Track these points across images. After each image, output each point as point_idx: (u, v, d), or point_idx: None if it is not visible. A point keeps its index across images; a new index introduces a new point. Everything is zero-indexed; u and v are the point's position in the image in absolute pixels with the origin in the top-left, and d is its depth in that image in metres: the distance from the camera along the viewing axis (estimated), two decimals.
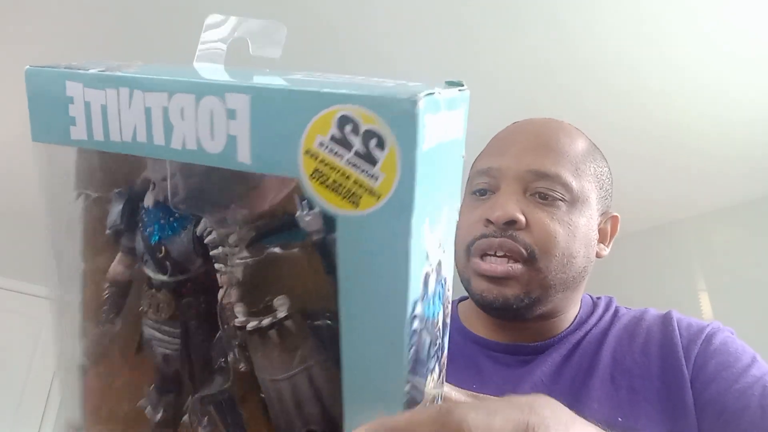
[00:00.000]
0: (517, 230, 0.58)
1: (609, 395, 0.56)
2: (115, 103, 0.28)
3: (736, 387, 0.52)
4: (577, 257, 0.60)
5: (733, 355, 0.56)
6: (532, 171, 0.60)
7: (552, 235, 0.58)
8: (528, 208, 0.59)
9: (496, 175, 0.61)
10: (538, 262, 0.58)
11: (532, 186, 0.60)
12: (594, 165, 0.64)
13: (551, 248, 0.58)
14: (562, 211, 0.59)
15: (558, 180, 0.59)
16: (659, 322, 0.62)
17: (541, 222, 0.58)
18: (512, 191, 0.59)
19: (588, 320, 0.64)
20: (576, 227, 0.60)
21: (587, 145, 0.65)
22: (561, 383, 0.59)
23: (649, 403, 0.55)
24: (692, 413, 0.54)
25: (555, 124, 0.65)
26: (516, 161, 0.61)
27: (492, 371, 0.62)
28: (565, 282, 0.60)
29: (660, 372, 0.57)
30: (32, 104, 0.32)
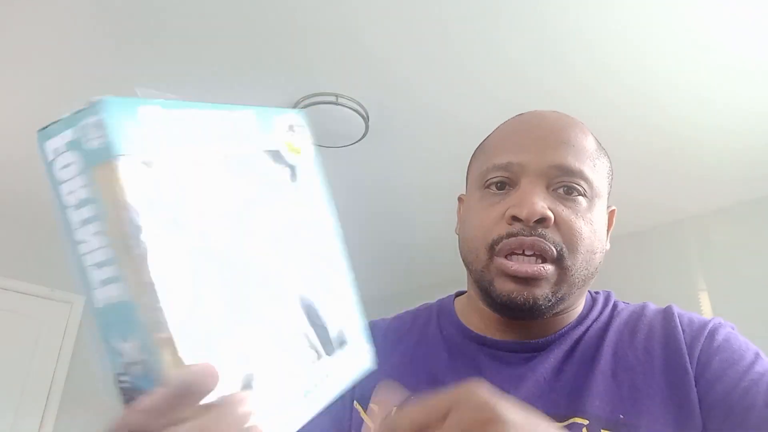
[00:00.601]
0: (544, 228, 0.57)
1: (611, 392, 0.56)
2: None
3: (742, 385, 0.52)
4: (597, 253, 0.60)
5: (737, 352, 0.55)
6: (556, 166, 0.58)
7: (578, 232, 0.57)
8: (553, 205, 0.58)
9: (517, 170, 0.59)
10: (566, 260, 0.57)
11: (555, 181, 0.59)
12: (604, 161, 0.64)
13: (577, 245, 0.57)
14: (583, 207, 0.59)
15: (581, 175, 0.59)
16: (660, 318, 0.61)
17: (568, 219, 0.57)
18: (537, 187, 0.58)
19: (588, 315, 0.64)
20: (595, 223, 0.59)
21: (595, 140, 0.65)
22: (563, 380, 0.58)
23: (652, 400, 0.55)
24: (696, 410, 0.53)
25: (567, 119, 0.64)
26: (538, 156, 0.59)
27: (493, 370, 0.61)
28: (586, 278, 0.59)
29: (663, 369, 0.56)
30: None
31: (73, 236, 0.33)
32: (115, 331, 0.32)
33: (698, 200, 2.55)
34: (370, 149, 2.32)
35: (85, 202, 0.32)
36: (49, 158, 0.33)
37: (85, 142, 0.32)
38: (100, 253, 0.32)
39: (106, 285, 0.32)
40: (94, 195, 0.32)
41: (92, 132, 0.32)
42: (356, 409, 0.64)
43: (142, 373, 0.31)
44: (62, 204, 0.33)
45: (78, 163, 0.32)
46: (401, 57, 1.83)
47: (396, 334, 0.70)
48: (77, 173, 0.32)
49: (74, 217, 0.33)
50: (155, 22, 1.72)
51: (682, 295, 2.57)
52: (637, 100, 1.95)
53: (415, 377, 0.63)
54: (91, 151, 0.32)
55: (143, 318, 0.31)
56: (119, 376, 0.32)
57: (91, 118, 0.32)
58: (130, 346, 0.32)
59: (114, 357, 0.32)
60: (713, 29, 1.64)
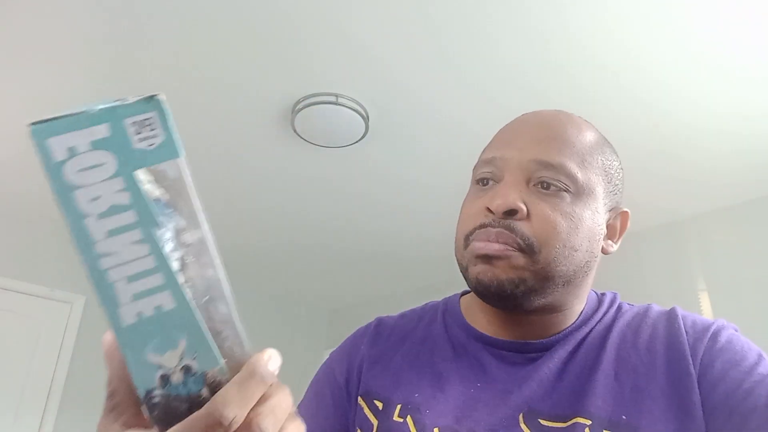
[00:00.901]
0: (517, 220, 0.57)
1: (613, 393, 0.56)
2: None
3: (744, 387, 0.52)
4: (579, 250, 0.58)
5: (739, 354, 0.55)
6: (535, 160, 0.58)
7: (553, 226, 0.57)
8: (530, 198, 0.58)
9: (500, 164, 0.60)
10: (538, 253, 0.56)
11: (535, 176, 0.58)
12: (602, 158, 0.62)
13: (551, 239, 0.57)
14: (565, 202, 0.58)
15: (562, 170, 0.58)
16: (664, 319, 0.61)
17: (542, 212, 0.57)
18: (515, 181, 0.58)
19: (593, 316, 0.63)
20: (579, 219, 0.58)
21: (596, 137, 0.63)
22: (566, 380, 0.58)
23: (654, 401, 0.55)
24: (699, 412, 0.53)
25: (563, 116, 0.64)
26: (520, 151, 0.60)
27: (497, 369, 0.61)
28: (566, 275, 0.58)
29: (665, 370, 0.56)
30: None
31: (92, 250, 0.29)
32: (152, 343, 0.30)
33: (698, 200, 2.55)
34: (370, 149, 2.32)
35: (118, 209, 0.29)
36: (59, 158, 0.28)
37: (130, 141, 0.29)
38: (137, 264, 0.29)
39: (141, 298, 0.30)
40: (136, 200, 0.29)
41: (144, 130, 0.29)
42: (360, 405, 0.64)
43: (183, 379, 0.31)
44: (76, 212, 0.29)
45: (112, 164, 0.29)
46: (401, 57, 1.83)
47: (402, 332, 0.70)
48: (110, 176, 0.29)
49: (97, 228, 0.29)
50: (155, 22, 1.72)
51: (682, 295, 2.57)
52: (636, 103, 1.95)
53: (419, 375, 0.63)
54: (139, 151, 0.29)
55: (200, 318, 0.31)
56: (151, 392, 0.31)
57: (141, 116, 0.29)
58: (172, 354, 0.30)
59: (146, 373, 0.30)
60: (710, 32, 1.64)
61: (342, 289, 3.94)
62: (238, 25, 1.72)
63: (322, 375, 0.71)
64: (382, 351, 0.68)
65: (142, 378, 0.31)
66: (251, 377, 0.31)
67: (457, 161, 2.37)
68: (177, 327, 0.30)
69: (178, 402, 0.31)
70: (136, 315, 0.30)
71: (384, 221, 2.96)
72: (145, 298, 0.30)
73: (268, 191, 2.71)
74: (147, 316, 0.30)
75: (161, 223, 0.30)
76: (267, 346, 0.35)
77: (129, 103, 0.29)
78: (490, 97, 1.98)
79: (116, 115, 0.29)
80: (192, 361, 0.31)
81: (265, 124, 2.20)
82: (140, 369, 0.30)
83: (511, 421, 0.56)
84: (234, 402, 0.30)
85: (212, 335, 0.32)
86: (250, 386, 0.31)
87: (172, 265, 0.30)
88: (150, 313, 0.30)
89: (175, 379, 0.31)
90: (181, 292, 0.30)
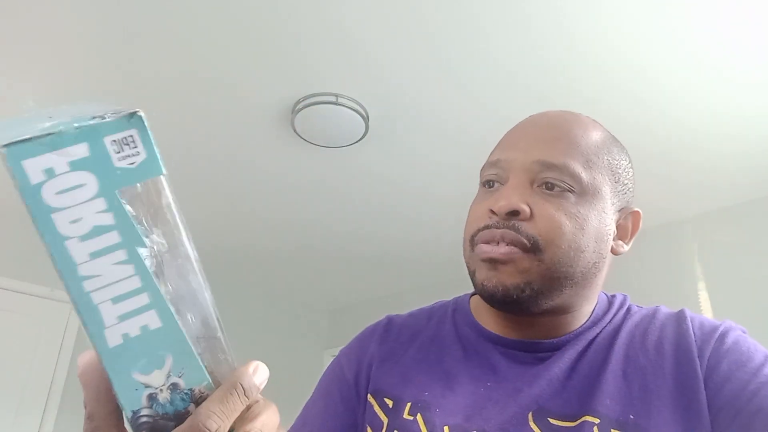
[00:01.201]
0: (520, 221, 0.57)
1: (621, 392, 0.56)
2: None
3: (750, 388, 0.52)
4: (586, 251, 0.58)
5: (745, 355, 0.55)
6: (538, 161, 0.58)
7: (557, 226, 0.56)
8: (533, 199, 0.58)
9: (505, 166, 0.60)
10: (543, 253, 0.56)
11: (539, 177, 0.58)
12: (608, 157, 0.62)
13: (556, 239, 0.56)
14: (570, 202, 0.58)
15: (565, 170, 0.58)
16: (673, 320, 0.61)
17: (546, 213, 0.57)
18: (519, 182, 0.58)
19: (603, 317, 0.64)
20: (585, 220, 0.58)
21: (603, 137, 0.63)
22: (575, 379, 0.58)
23: (662, 402, 0.55)
24: (705, 412, 0.53)
25: (569, 116, 0.64)
26: (524, 152, 0.60)
27: (507, 369, 0.61)
28: (573, 276, 0.58)
29: (674, 370, 0.57)
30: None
31: (75, 272, 0.28)
32: (138, 364, 0.30)
33: (698, 201, 2.55)
34: (370, 149, 2.32)
35: (101, 230, 0.28)
36: (35, 180, 0.28)
37: (111, 159, 0.28)
38: (122, 285, 0.29)
39: (127, 318, 0.29)
40: (120, 220, 0.29)
41: (124, 148, 0.28)
42: (370, 403, 0.64)
43: (170, 397, 0.31)
44: (57, 235, 0.28)
45: (93, 184, 0.28)
46: (401, 57, 1.83)
47: (411, 331, 0.70)
48: (91, 197, 0.28)
49: (78, 250, 0.28)
50: (154, 23, 1.72)
51: (682, 295, 2.57)
52: (635, 104, 1.95)
53: (429, 374, 0.63)
54: (120, 170, 0.28)
55: (185, 336, 0.31)
56: (137, 413, 0.30)
57: (121, 134, 0.28)
58: (158, 374, 0.30)
59: (133, 393, 0.30)
60: (710, 33, 1.64)
61: (342, 289, 3.94)
62: (238, 25, 1.72)
63: (330, 372, 0.71)
64: (391, 349, 0.68)
65: (128, 399, 0.30)
66: (234, 389, 0.32)
67: (457, 161, 2.37)
68: (163, 346, 0.30)
69: (165, 420, 0.31)
70: (122, 336, 0.29)
71: (384, 221, 2.96)
72: (130, 319, 0.29)
73: (268, 191, 2.71)
74: (133, 336, 0.30)
75: (145, 243, 0.29)
76: (267, 347, 0.36)
77: (109, 120, 0.28)
78: (489, 97, 1.98)
79: (96, 133, 0.28)
80: (179, 378, 0.31)
81: (265, 124, 2.20)
82: (126, 390, 0.30)
83: (521, 419, 0.56)
84: (216, 414, 0.31)
85: (198, 351, 0.32)
86: (232, 398, 0.32)
87: (157, 284, 0.30)
88: (136, 332, 0.30)
89: (162, 398, 0.31)
90: (168, 310, 0.30)
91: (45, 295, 3.02)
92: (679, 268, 2.64)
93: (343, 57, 1.84)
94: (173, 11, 1.68)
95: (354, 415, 0.65)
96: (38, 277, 3.02)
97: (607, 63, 1.79)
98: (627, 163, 0.65)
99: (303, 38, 1.77)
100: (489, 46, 1.76)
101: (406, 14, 1.66)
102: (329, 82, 1.96)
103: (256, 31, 1.75)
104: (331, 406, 0.67)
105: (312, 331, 4.19)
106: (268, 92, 2.02)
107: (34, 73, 1.95)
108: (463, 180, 2.20)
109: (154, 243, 0.30)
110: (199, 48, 1.83)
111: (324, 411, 0.67)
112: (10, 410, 2.79)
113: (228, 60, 1.87)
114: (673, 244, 2.69)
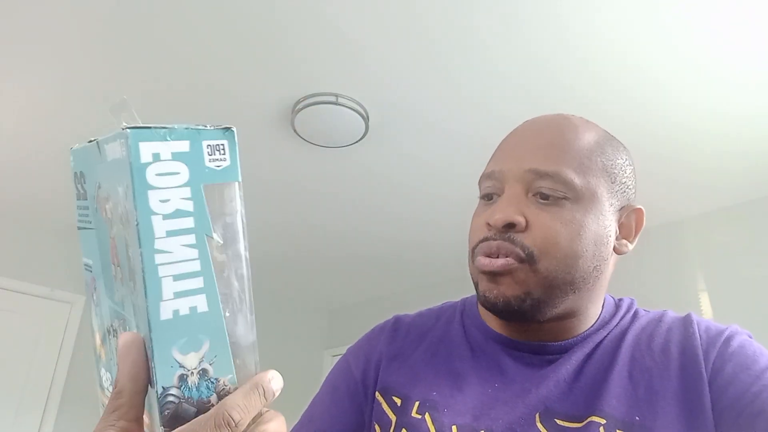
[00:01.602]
0: (516, 232, 0.58)
1: (627, 393, 0.56)
2: None
3: (753, 390, 0.52)
4: (584, 256, 0.58)
5: (750, 358, 0.56)
6: (531, 171, 0.59)
7: (553, 236, 0.57)
8: (529, 210, 0.58)
9: (500, 177, 0.61)
10: (538, 263, 0.57)
11: (533, 186, 0.59)
12: (602, 158, 0.61)
13: (552, 249, 0.57)
14: (565, 209, 0.58)
15: (558, 178, 0.58)
16: (679, 324, 0.61)
17: (542, 223, 0.57)
18: (513, 193, 0.59)
19: (611, 321, 0.64)
20: (582, 225, 0.58)
21: (596, 138, 0.63)
22: (582, 381, 0.59)
23: (667, 403, 0.55)
24: (709, 415, 0.54)
25: (560, 120, 0.64)
26: (517, 162, 0.60)
27: (515, 370, 0.61)
28: (573, 282, 0.58)
29: (679, 373, 0.57)
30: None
31: (151, 244, 0.32)
32: (179, 342, 0.33)
33: (698, 201, 2.55)
34: (370, 149, 2.32)
35: (181, 214, 0.33)
36: (145, 160, 0.32)
37: (203, 159, 0.34)
38: (185, 265, 0.33)
39: (182, 297, 0.33)
40: (198, 209, 0.33)
41: (215, 153, 0.34)
42: (378, 401, 0.64)
43: (197, 382, 0.33)
44: (147, 209, 0.32)
45: (185, 174, 0.33)
46: (401, 58, 1.83)
47: (419, 330, 0.70)
48: (181, 184, 0.33)
49: (159, 226, 0.32)
50: (154, 23, 1.72)
51: (682, 295, 2.57)
52: (635, 105, 1.95)
53: (437, 374, 0.64)
54: (209, 170, 0.34)
55: (225, 326, 0.34)
56: (167, 390, 0.32)
57: (217, 141, 0.34)
58: (193, 356, 0.33)
59: (168, 370, 0.32)
60: (709, 35, 1.64)
61: (342, 289, 3.94)
62: (238, 25, 1.72)
63: (337, 370, 0.71)
64: (400, 348, 0.68)
65: (162, 374, 0.32)
66: (256, 388, 0.35)
67: (456, 161, 2.37)
68: (204, 330, 0.33)
69: (189, 405, 0.33)
70: (173, 312, 0.32)
71: (384, 221, 2.96)
72: (184, 297, 0.33)
73: (268, 191, 2.71)
74: (182, 314, 0.33)
75: (212, 232, 0.34)
76: (267, 347, 0.37)
77: (209, 129, 0.35)
78: (489, 97, 1.98)
79: (198, 135, 0.34)
80: (210, 365, 0.33)
81: (265, 124, 2.20)
82: (163, 364, 0.32)
83: (528, 420, 0.57)
84: (240, 407, 0.33)
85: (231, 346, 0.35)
86: (254, 396, 0.34)
87: (213, 272, 0.34)
88: (185, 311, 0.33)
89: (191, 381, 0.33)
90: (216, 297, 0.34)
91: (45, 295, 3.02)
92: (679, 268, 2.65)
93: (343, 57, 1.84)
94: (173, 12, 1.68)
95: (361, 412, 0.65)
96: (38, 277, 3.02)
97: (606, 65, 1.79)
98: (624, 161, 0.65)
99: (303, 38, 1.77)
100: (489, 48, 1.76)
101: (406, 15, 1.66)
102: (329, 82, 1.96)
103: (256, 32, 1.75)
104: (338, 403, 0.67)
105: (312, 332, 4.20)
106: (268, 92, 2.02)
107: (35, 73, 1.95)
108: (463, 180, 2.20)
109: (218, 238, 0.35)
110: (199, 48, 1.83)
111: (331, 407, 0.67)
112: (10, 410, 2.79)
113: (228, 60, 1.87)
114: (673, 244, 2.69)
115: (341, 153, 2.34)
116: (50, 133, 2.29)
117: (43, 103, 2.10)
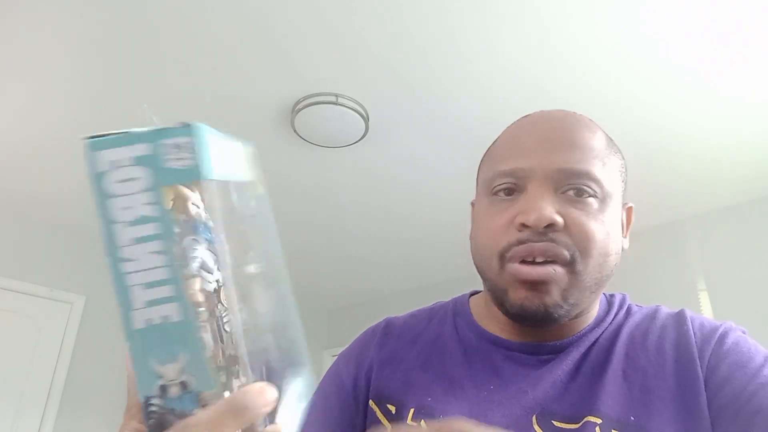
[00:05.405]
0: (555, 232, 0.55)
1: (622, 393, 0.56)
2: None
3: (750, 388, 0.52)
4: (611, 255, 0.58)
5: (746, 355, 0.55)
6: (563, 170, 0.57)
7: (591, 235, 0.56)
8: (563, 208, 0.56)
9: (523, 175, 0.58)
10: (578, 264, 0.55)
11: (563, 184, 0.57)
12: (615, 157, 0.62)
13: (590, 248, 0.56)
14: (594, 208, 0.57)
15: (590, 177, 0.57)
16: (673, 321, 0.61)
17: (579, 221, 0.56)
18: (544, 191, 0.57)
19: (605, 318, 0.63)
20: (608, 224, 0.58)
21: (605, 137, 0.62)
22: (578, 381, 0.58)
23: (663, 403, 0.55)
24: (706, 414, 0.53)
25: (572, 118, 0.62)
26: (544, 160, 0.58)
27: (511, 372, 0.60)
28: (599, 282, 0.58)
29: (674, 371, 0.56)
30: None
31: (117, 253, 0.32)
32: (155, 351, 0.32)
33: (698, 200, 2.55)
34: (370, 149, 2.32)
35: (144, 220, 0.32)
36: (101, 169, 0.32)
37: (164, 160, 0.32)
38: (154, 273, 0.31)
39: (153, 306, 0.31)
40: (161, 214, 0.32)
41: (176, 152, 0.32)
42: (372, 408, 0.63)
43: (179, 393, 0.32)
44: (109, 218, 0.32)
45: (146, 179, 0.32)
46: (401, 57, 1.83)
47: (412, 333, 0.69)
48: (142, 189, 0.32)
49: (124, 234, 0.32)
50: (154, 24, 1.72)
51: (682, 295, 2.57)
52: (635, 105, 1.95)
53: (431, 378, 0.63)
54: (169, 170, 0.32)
55: (201, 337, 0.32)
56: (149, 399, 0.32)
57: (178, 139, 0.33)
58: (172, 367, 0.32)
59: (148, 379, 0.32)
60: (709, 36, 1.64)
61: (342, 289, 3.94)
62: (237, 25, 1.72)
63: (328, 378, 0.70)
64: (392, 352, 0.67)
65: (143, 384, 0.32)
66: (229, 407, 0.32)
67: (456, 161, 2.37)
68: (179, 341, 0.32)
69: (172, 416, 0.32)
70: (146, 321, 0.32)
71: (384, 221, 2.96)
72: (156, 306, 0.32)
73: (268, 191, 2.71)
74: (155, 324, 0.32)
75: (180, 239, 0.32)
76: None
77: (169, 128, 0.33)
78: (489, 98, 1.98)
79: (158, 136, 0.33)
80: (191, 377, 0.32)
81: (265, 124, 2.20)
82: (143, 375, 0.32)
83: (525, 422, 0.56)
84: (203, 423, 0.31)
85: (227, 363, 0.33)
86: (226, 416, 0.32)
87: (183, 280, 0.32)
88: (158, 321, 0.32)
89: (173, 393, 0.32)
90: (187, 306, 0.32)
91: (45, 295, 3.02)
92: (679, 268, 2.65)
93: (343, 57, 1.84)
94: (173, 12, 1.68)
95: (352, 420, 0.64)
96: (38, 277, 3.02)
97: (606, 67, 1.79)
98: (623, 159, 0.65)
99: (303, 38, 1.77)
100: (488, 48, 1.76)
101: (406, 15, 1.66)
102: (329, 82, 1.96)
103: (256, 32, 1.75)
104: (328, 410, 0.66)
105: (312, 331, 4.19)
106: (268, 92, 2.02)
107: (34, 73, 1.95)
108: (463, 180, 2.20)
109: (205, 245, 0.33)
110: (199, 49, 1.83)
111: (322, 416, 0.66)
112: (9, 410, 2.79)
113: (228, 60, 1.87)
114: (673, 244, 2.69)
115: (341, 153, 2.34)
116: (50, 133, 2.29)
117: (43, 103, 2.10)
